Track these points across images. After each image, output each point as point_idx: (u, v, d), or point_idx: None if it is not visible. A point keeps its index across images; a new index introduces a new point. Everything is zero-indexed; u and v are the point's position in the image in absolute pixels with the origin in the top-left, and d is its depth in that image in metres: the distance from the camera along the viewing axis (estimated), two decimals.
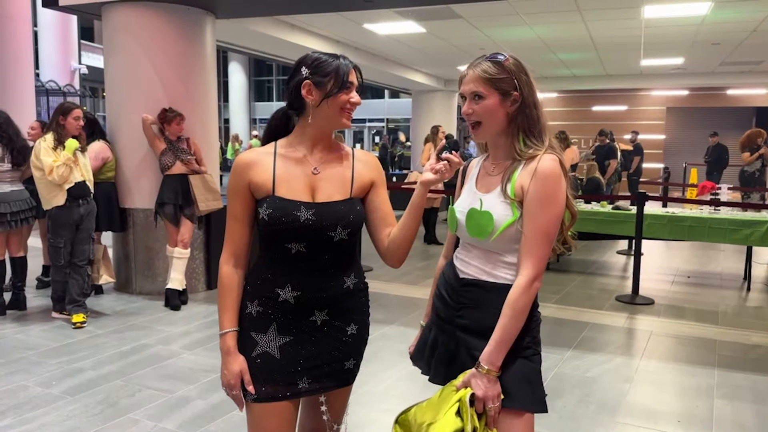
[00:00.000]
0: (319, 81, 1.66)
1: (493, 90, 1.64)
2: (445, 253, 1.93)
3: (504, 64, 1.64)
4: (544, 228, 1.59)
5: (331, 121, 1.71)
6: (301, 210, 1.66)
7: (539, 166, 1.60)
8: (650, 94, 18.43)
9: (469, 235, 1.68)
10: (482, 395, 1.56)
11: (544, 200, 1.58)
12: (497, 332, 1.58)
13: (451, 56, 10.98)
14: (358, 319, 1.79)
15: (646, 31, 8.46)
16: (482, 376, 1.58)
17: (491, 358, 1.58)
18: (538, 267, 1.59)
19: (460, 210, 1.73)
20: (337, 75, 1.66)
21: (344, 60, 1.70)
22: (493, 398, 1.56)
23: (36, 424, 3.14)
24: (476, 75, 1.65)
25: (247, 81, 27.91)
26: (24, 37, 9.20)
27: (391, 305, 5.42)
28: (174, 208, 5.25)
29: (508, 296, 1.59)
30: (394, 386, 3.73)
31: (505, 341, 1.58)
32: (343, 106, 1.69)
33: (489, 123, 1.67)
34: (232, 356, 1.71)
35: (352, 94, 1.70)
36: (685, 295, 6.07)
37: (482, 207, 1.65)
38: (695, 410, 3.45)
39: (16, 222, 4.94)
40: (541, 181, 1.59)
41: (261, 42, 8.99)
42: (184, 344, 4.41)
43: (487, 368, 1.57)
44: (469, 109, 1.67)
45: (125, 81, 5.64)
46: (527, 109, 1.65)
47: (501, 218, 1.62)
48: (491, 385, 1.57)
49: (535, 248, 1.59)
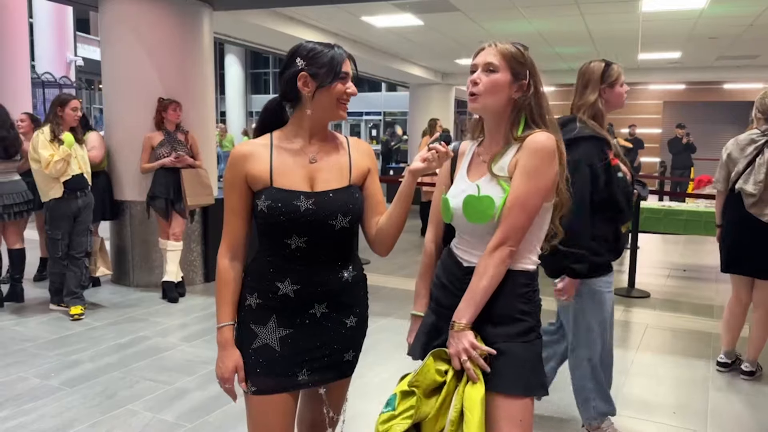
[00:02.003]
0: (314, 72, 1.65)
1: (508, 68, 1.65)
2: (433, 238, 1.93)
3: (524, 52, 1.68)
4: (522, 198, 1.60)
5: (327, 113, 1.71)
6: (300, 200, 1.66)
7: (530, 139, 1.62)
8: (647, 88, 18.44)
9: (469, 222, 1.68)
10: (454, 351, 1.61)
11: (529, 171, 1.60)
12: (467, 292, 1.63)
13: (449, 50, 10.96)
14: (357, 312, 1.80)
15: (644, 24, 8.46)
16: (452, 334, 1.63)
17: (458, 315, 1.63)
18: (507, 233, 1.60)
19: (454, 199, 1.72)
20: (331, 65, 1.65)
21: (338, 50, 1.69)
22: (464, 350, 1.60)
23: (34, 416, 3.14)
24: (497, 49, 1.67)
25: (244, 73, 27.81)
26: (19, 28, 9.14)
27: (388, 298, 5.43)
28: (165, 202, 5.24)
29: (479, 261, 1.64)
30: (393, 378, 3.72)
31: (472, 300, 1.62)
32: (339, 97, 1.68)
33: (490, 98, 1.66)
34: (227, 350, 1.71)
35: (348, 85, 1.69)
36: (680, 289, 6.10)
37: (480, 192, 1.65)
38: (690, 402, 3.47)
39: (9, 215, 4.94)
40: (530, 153, 1.61)
41: (258, 34, 8.96)
42: (182, 336, 4.42)
43: (456, 324, 1.62)
44: (478, 78, 1.67)
45: (122, 73, 5.63)
46: (536, 98, 1.66)
47: (497, 200, 1.63)
48: (461, 338, 1.61)
49: (509, 216, 1.60)
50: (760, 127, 3.59)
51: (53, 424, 3.05)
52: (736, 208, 3.63)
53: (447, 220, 1.77)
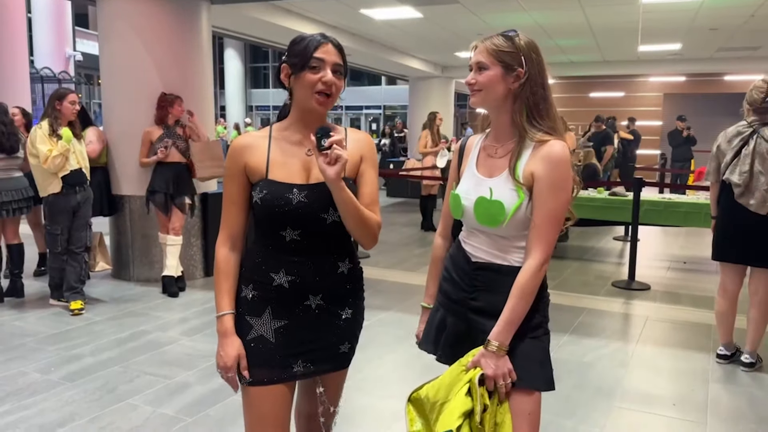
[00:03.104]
0: (292, 62, 1.64)
1: (497, 62, 1.65)
2: (442, 232, 1.93)
3: (514, 40, 1.66)
4: (554, 213, 1.61)
5: (306, 103, 1.66)
6: (293, 192, 1.65)
7: (551, 152, 1.61)
8: (647, 80, 18.39)
9: (478, 224, 1.68)
10: (492, 374, 1.59)
11: (555, 186, 1.61)
12: (506, 313, 1.61)
13: (449, 42, 10.92)
14: (352, 303, 1.79)
15: (644, 16, 8.42)
16: (491, 355, 1.60)
17: (500, 338, 1.61)
18: (547, 251, 1.62)
19: (466, 197, 1.72)
20: (304, 54, 1.61)
21: (318, 37, 1.63)
22: (504, 375, 1.59)
23: (35, 410, 3.15)
24: (484, 47, 1.67)
25: (243, 68, 27.77)
26: (18, 23, 9.13)
27: (388, 292, 5.43)
28: (165, 197, 5.23)
29: (518, 278, 1.62)
30: (392, 372, 3.75)
31: (513, 322, 1.62)
32: (313, 87, 1.62)
33: (487, 93, 1.67)
34: (229, 338, 1.71)
35: (322, 73, 1.61)
36: (680, 281, 6.09)
37: (492, 196, 1.65)
38: (691, 394, 3.47)
39: (8, 212, 4.94)
40: (553, 167, 1.61)
41: (257, 28, 8.93)
42: (182, 330, 4.42)
43: (497, 346, 1.60)
44: (473, 78, 1.69)
45: (121, 68, 5.61)
46: (534, 87, 1.65)
47: (510, 205, 1.63)
48: (501, 363, 1.60)
49: (545, 233, 1.61)
50: (748, 118, 3.65)
51: (54, 419, 3.06)
52: (727, 199, 3.71)
53: (457, 216, 1.77)
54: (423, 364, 1.87)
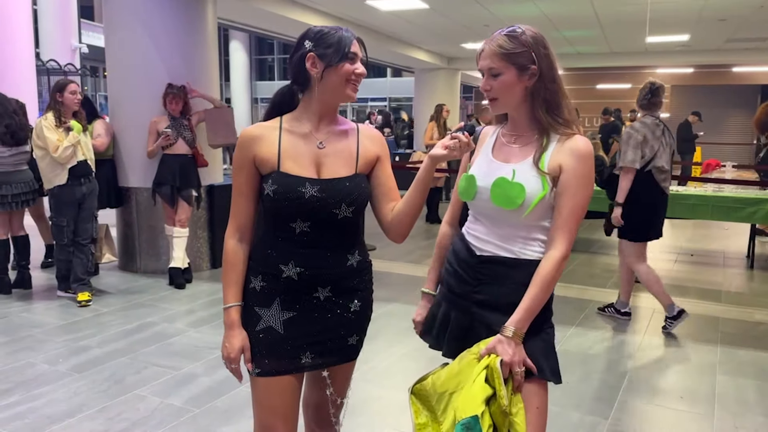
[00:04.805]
0: (322, 53, 1.65)
1: (510, 65, 1.62)
2: (449, 220, 1.91)
3: (520, 38, 1.62)
4: (580, 206, 1.63)
5: (336, 94, 1.69)
6: (306, 186, 1.65)
7: (579, 147, 1.63)
8: (655, 72, 18.25)
9: (493, 204, 1.65)
10: (509, 360, 1.57)
11: (584, 178, 1.62)
12: (526, 301, 1.60)
13: (455, 33, 10.87)
14: (361, 296, 1.79)
15: (652, 6, 8.35)
16: (509, 341, 1.58)
17: (519, 324, 1.59)
18: (570, 243, 1.63)
19: (482, 177, 1.69)
20: (339, 45, 1.65)
21: (347, 32, 1.68)
22: (519, 362, 1.58)
23: (43, 401, 3.17)
24: (492, 50, 1.63)
25: (249, 59, 27.69)
26: (24, 15, 9.12)
27: (394, 284, 5.43)
28: (171, 189, 5.24)
29: (541, 268, 1.61)
30: (398, 363, 3.76)
31: (532, 310, 1.61)
32: (348, 77, 1.67)
33: (506, 98, 1.66)
34: (235, 330, 1.72)
35: (356, 65, 1.67)
36: (688, 274, 6.07)
37: (514, 178, 1.63)
38: (698, 387, 3.47)
39: (16, 203, 4.97)
40: (583, 161, 1.62)
41: (262, 19, 8.91)
42: (189, 322, 4.44)
43: (514, 332, 1.58)
44: (487, 85, 1.66)
45: (126, 59, 5.61)
46: (547, 82, 1.63)
47: (534, 192, 1.61)
48: (518, 349, 1.58)
49: (571, 224, 1.62)
50: (654, 113, 4.20)
51: (62, 409, 3.08)
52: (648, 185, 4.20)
53: (468, 198, 1.73)
54: (429, 355, 1.87)
